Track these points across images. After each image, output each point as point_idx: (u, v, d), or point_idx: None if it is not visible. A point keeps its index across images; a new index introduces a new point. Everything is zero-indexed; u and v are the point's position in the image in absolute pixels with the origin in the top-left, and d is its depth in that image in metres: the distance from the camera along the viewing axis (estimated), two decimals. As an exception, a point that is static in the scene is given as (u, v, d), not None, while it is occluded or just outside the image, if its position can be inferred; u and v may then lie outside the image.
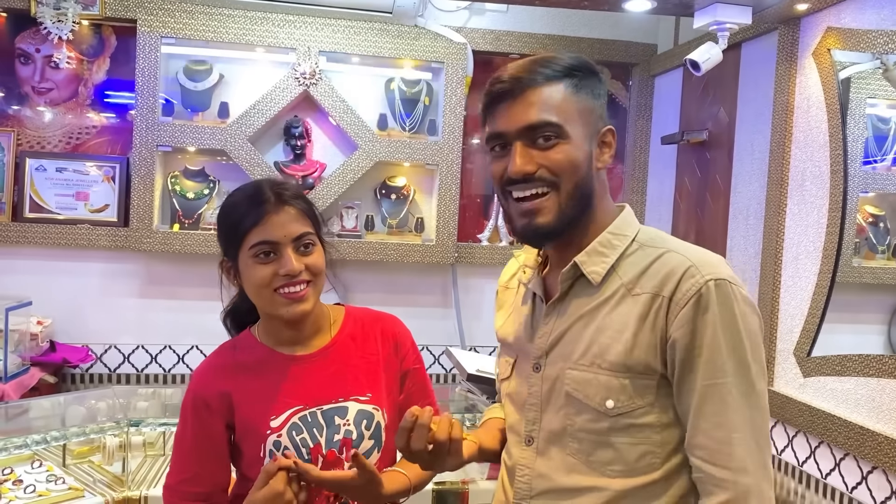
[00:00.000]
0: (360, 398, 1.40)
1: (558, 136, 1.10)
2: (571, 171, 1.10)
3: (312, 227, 1.37)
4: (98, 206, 2.84)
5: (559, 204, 1.11)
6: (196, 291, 2.94)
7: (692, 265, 1.07)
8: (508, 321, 1.31)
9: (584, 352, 1.13)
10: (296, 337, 1.42)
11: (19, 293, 2.67)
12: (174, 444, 1.43)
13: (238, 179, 2.89)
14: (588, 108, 1.13)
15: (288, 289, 1.32)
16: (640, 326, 1.08)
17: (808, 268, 2.11)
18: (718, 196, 2.58)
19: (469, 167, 3.14)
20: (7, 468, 2.08)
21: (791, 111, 2.20)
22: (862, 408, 1.87)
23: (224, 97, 2.89)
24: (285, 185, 1.39)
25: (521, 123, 1.10)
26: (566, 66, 1.12)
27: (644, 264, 1.12)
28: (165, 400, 2.48)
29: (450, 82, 2.92)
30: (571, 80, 1.12)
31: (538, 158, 1.10)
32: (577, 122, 1.11)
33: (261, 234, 1.32)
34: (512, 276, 1.36)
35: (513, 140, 1.11)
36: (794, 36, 2.18)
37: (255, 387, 1.38)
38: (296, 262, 1.32)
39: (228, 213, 1.39)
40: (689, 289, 1.06)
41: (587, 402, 1.11)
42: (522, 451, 1.19)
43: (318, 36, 2.82)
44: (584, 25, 3.08)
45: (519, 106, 1.10)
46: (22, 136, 2.82)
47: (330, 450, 1.36)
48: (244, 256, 1.34)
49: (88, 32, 2.85)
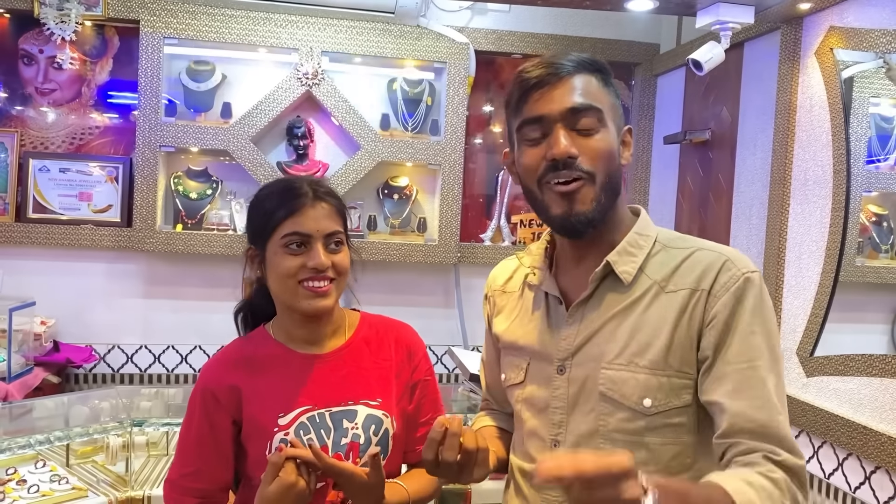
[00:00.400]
0: (370, 403, 1.40)
1: (600, 123, 1.10)
2: (608, 161, 1.11)
3: (343, 227, 1.39)
4: (101, 207, 2.85)
5: (596, 193, 1.11)
6: (199, 292, 2.94)
7: (728, 259, 1.11)
8: (516, 324, 1.28)
9: (620, 351, 1.12)
10: (312, 335, 1.42)
11: (23, 293, 2.68)
12: (179, 438, 1.43)
13: (241, 180, 2.90)
14: (614, 104, 1.15)
15: (312, 283, 1.33)
16: (678, 321, 1.10)
17: (811, 267, 2.10)
18: (721, 195, 2.58)
19: (472, 167, 3.14)
20: (11, 468, 2.08)
21: (794, 110, 2.19)
22: (865, 408, 1.87)
23: (227, 97, 2.89)
24: (322, 183, 1.41)
25: (566, 105, 1.09)
26: (598, 64, 1.14)
27: (675, 263, 1.14)
28: (168, 400, 2.49)
29: (452, 82, 2.92)
30: (601, 75, 1.14)
31: (579, 144, 1.09)
32: (609, 112, 1.13)
33: (294, 225, 1.33)
34: (508, 280, 1.34)
35: (554, 123, 1.09)
36: (797, 35, 2.17)
37: (265, 383, 1.38)
38: (324, 257, 1.33)
39: (263, 202, 1.38)
40: (728, 280, 1.09)
41: (623, 402, 1.10)
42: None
43: (320, 36, 2.83)
44: (587, 25, 3.08)
45: (561, 89, 1.09)
46: (25, 136, 2.83)
47: (336, 453, 1.35)
48: (274, 246, 1.34)
49: (91, 33, 2.85)
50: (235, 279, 2.94)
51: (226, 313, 2.92)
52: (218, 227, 2.86)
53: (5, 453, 1.97)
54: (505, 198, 3.10)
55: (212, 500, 1.40)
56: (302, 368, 1.40)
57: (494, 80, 3.14)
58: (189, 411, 1.41)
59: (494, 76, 3.14)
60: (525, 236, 3.11)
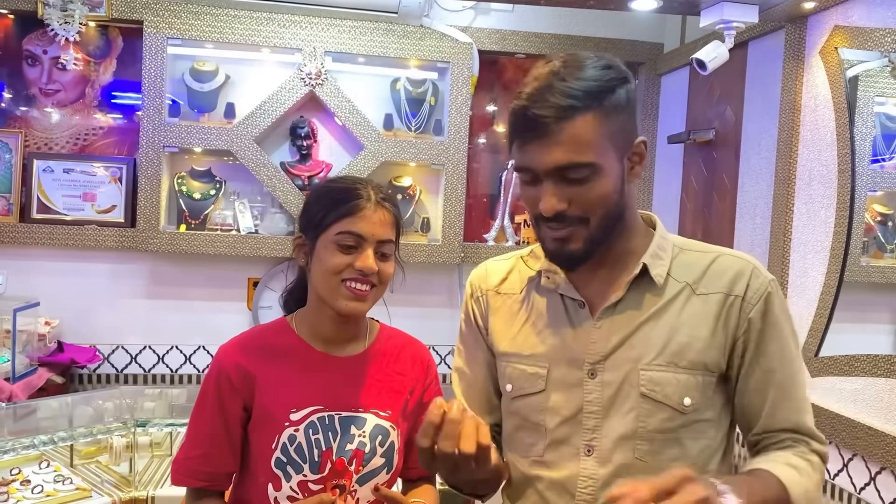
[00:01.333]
0: (379, 413, 1.39)
1: (590, 174, 1.07)
2: (602, 205, 1.10)
3: (395, 239, 1.40)
4: (105, 207, 2.85)
5: (589, 233, 1.11)
6: (203, 292, 2.95)
7: (755, 267, 1.17)
8: (527, 330, 1.23)
9: (659, 351, 1.13)
10: (336, 336, 1.41)
11: (27, 294, 2.69)
12: (191, 419, 1.41)
13: (244, 180, 2.90)
14: (619, 128, 1.09)
15: (355, 284, 1.33)
16: (715, 324, 1.14)
17: (816, 267, 2.09)
18: (725, 195, 2.57)
19: (475, 167, 3.14)
20: (15, 468, 2.09)
21: (798, 110, 2.18)
22: (870, 408, 1.86)
23: (230, 98, 2.89)
24: (385, 190, 1.41)
25: (550, 165, 1.06)
26: (596, 90, 1.06)
27: (701, 266, 1.17)
28: (172, 400, 2.49)
29: (455, 82, 2.92)
30: (602, 106, 1.06)
31: (569, 194, 1.08)
32: (609, 149, 1.08)
33: (352, 224, 1.33)
34: (503, 281, 1.30)
35: (543, 178, 1.08)
36: (801, 34, 2.17)
37: (280, 374, 1.37)
38: (372, 261, 1.33)
39: (325, 194, 1.39)
40: (759, 287, 1.15)
41: (665, 402, 1.12)
42: (583, 462, 1.15)
43: (323, 36, 2.83)
44: (590, 25, 3.08)
45: (547, 144, 1.05)
46: (29, 137, 2.83)
47: (340, 458, 1.34)
48: (325, 240, 1.34)
49: (95, 34, 2.86)
50: (239, 279, 2.96)
51: (230, 313, 2.97)
52: (221, 227, 2.87)
53: (9, 454, 1.97)
54: (508, 198, 3.09)
55: (216, 484, 1.40)
56: (319, 367, 1.39)
57: (498, 79, 3.14)
58: (202, 393, 1.39)
59: (498, 76, 3.14)
60: (529, 236, 3.10)
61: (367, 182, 1.40)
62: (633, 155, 1.13)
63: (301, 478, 1.33)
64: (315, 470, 1.33)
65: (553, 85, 1.06)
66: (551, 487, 1.18)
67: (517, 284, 1.28)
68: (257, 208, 2.94)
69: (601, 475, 1.14)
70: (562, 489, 1.17)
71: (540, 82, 1.07)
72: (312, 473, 1.33)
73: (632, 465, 1.12)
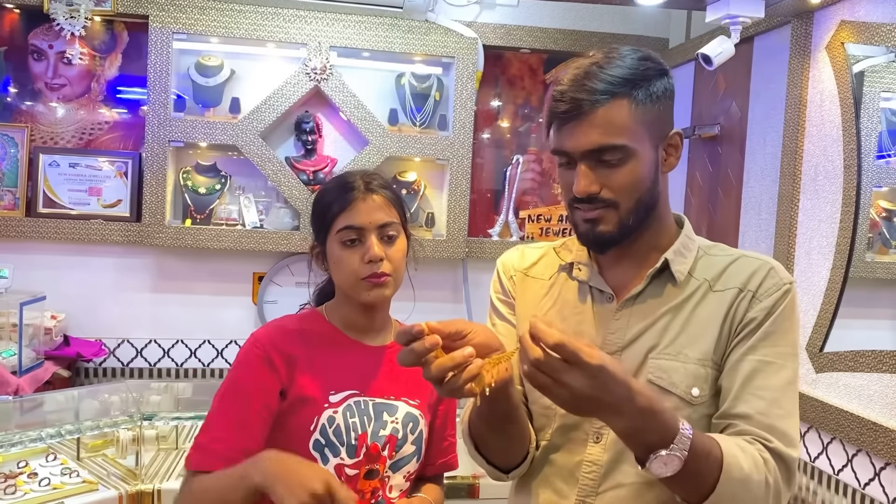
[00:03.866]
0: (409, 402, 1.42)
1: (623, 157, 1.11)
2: (633, 189, 1.13)
3: (398, 217, 1.42)
4: (111, 202, 2.86)
5: (619, 217, 1.14)
6: (208, 286, 2.95)
7: (773, 267, 1.17)
8: (550, 315, 1.25)
9: (670, 342, 1.15)
10: (367, 325, 1.45)
11: (33, 288, 2.70)
12: (219, 402, 1.36)
13: (249, 175, 2.91)
14: (654, 116, 1.13)
15: (374, 280, 1.37)
16: (725, 318, 1.15)
17: (821, 263, 2.09)
18: (730, 191, 2.57)
19: (479, 162, 3.14)
20: (22, 461, 2.10)
21: (804, 105, 2.18)
22: (875, 403, 1.87)
23: (235, 93, 2.90)
24: (374, 175, 1.44)
25: (585, 147, 1.10)
26: (632, 77, 1.10)
27: (722, 266, 1.19)
28: (178, 394, 2.50)
29: (460, 77, 2.92)
30: (637, 93, 1.11)
31: (602, 178, 1.12)
32: (644, 136, 1.12)
33: (347, 219, 1.37)
34: (533, 265, 1.32)
35: (577, 160, 1.12)
36: (808, 29, 2.16)
37: (319, 358, 1.39)
38: (377, 248, 1.36)
39: (320, 199, 1.44)
40: (774, 285, 1.15)
41: (671, 390, 1.12)
42: (590, 448, 1.17)
43: (328, 31, 2.83)
44: (595, 20, 3.07)
45: (582, 127, 1.10)
46: (35, 131, 2.84)
47: (374, 443, 1.36)
48: (332, 241, 1.40)
49: (101, 28, 2.86)
50: (244, 274, 2.97)
51: (235, 308, 2.98)
52: (227, 222, 2.87)
53: (17, 447, 1.98)
54: (513, 193, 3.09)
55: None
56: (354, 354, 1.42)
57: (503, 74, 3.14)
58: (236, 375, 1.37)
59: (503, 71, 3.14)
60: (533, 231, 3.10)
61: (356, 173, 1.44)
62: (668, 146, 1.17)
63: (338, 461, 1.34)
64: (352, 454, 1.35)
65: (592, 72, 1.11)
66: (559, 472, 1.20)
67: (546, 271, 1.31)
68: (262, 203, 2.94)
69: (604, 461, 1.16)
70: (567, 474, 1.19)
71: (581, 70, 1.12)
72: (349, 457, 1.35)
73: None
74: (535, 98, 3.17)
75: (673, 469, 0.97)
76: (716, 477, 1.00)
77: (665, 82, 1.14)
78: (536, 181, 3.20)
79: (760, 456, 1.05)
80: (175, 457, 2.35)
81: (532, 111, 3.18)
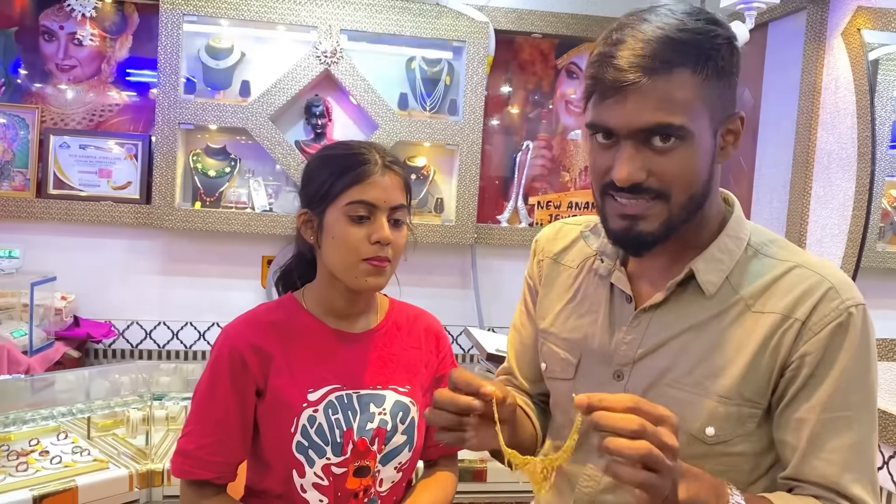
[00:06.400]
0: (399, 389, 1.34)
1: (679, 139, 0.92)
2: (688, 179, 0.94)
3: (407, 202, 1.32)
4: (121, 184, 2.87)
5: (668, 213, 0.95)
6: (217, 269, 2.96)
7: (832, 287, 0.96)
8: (569, 311, 1.14)
9: (689, 370, 0.99)
10: (348, 310, 1.35)
11: (44, 268, 2.71)
12: (196, 406, 1.31)
13: (259, 158, 2.91)
14: (717, 94, 0.94)
15: (376, 262, 1.26)
16: (762, 349, 0.96)
17: (833, 251, 2.08)
18: (742, 178, 2.56)
19: (489, 148, 3.12)
20: (34, 439, 2.11)
21: (818, 92, 2.16)
22: (885, 392, 1.86)
23: (245, 75, 2.89)
24: (390, 151, 1.32)
25: (636, 124, 0.91)
26: (697, 44, 0.91)
27: (768, 278, 0.99)
28: (187, 375, 2.51)
29: (471, 62, 2.91)
30: (704, 65, 0.91)
31: (650, 163, 0.92)
32: (704, 117, 0.93)
33: (362, 192, 1.25)
34: (565, 250, 1.19)
35: (622, 139, 0.93)
36: (823, 15, 2.14)
37: (294, 352, 1.30)
38: (388, 231, 1.26)
39: (328, 162, 1.29)
40: (829, 314, 0.95)
41: (683, 426, 0.91)
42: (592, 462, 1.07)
43: (339, 14, 2.81)
44: (608, 4, 3.04)
45: (634, 100, 0.90)
46: (46, 113, 2.84)
47: (361, 438, 1.29)
48: (335, 212, 1.27)
49: (111, 10, 2.85)
50: (253, 257, 2.98)
51: (244, 291, 2.99)
52: (236, 205, 2.88)
53: (28, 424, 2.00)
54: (522, 179, 3.08)
55: (225, 475, 1.31)
56: (334, 345, 1.33)
57: (514, 59, 3.12)
58: (211, 376, 1.29)
59: (514, 56, 3.12)
60: (542, 218, 3.09)
61: (371, 144, 1.32)
62: (728, 132, 0.98)
63: (324, 461, 1.27)
64: (338, 452, 1.28)
65: (649, 32, 0.91)
66: (563, 475, 1.12)
67: (576, 258, 1.17)
68: (272, 187, 2.94)
69: (603, 480, 1.07)
70: (570, 480, 1.11)
71: (632, 29, 0.92)
72: (335, 456, 1.28)
73: None
74: (547, 83, 3.16)
75: None
76: None
77: (733, 52, 0.94)
78: (546, 168, 3.19)
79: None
80: (184, 437, 2.36)
81: (543, 97, 3.17)
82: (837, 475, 0.94)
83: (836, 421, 0.94)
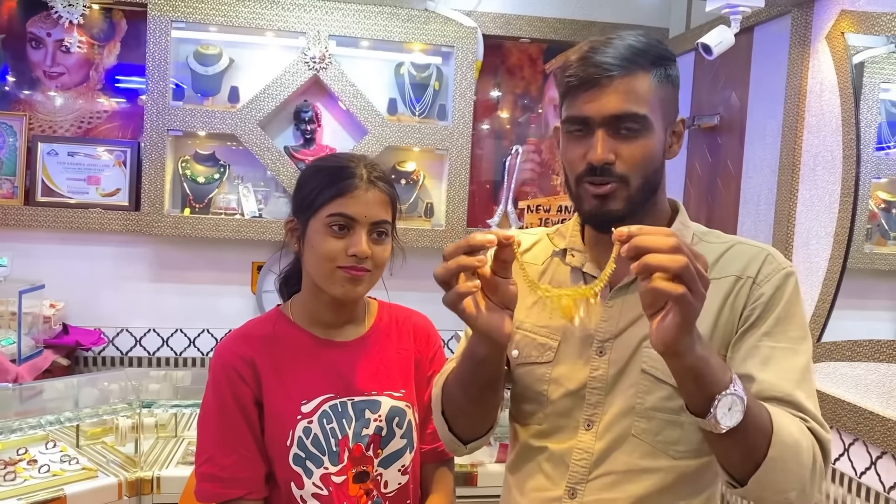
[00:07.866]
0: (393, 394, 1.35)
1: (641, 128, 1.10)
2: (646, 164, 1.12)
3: (391, 218, 1.33)
4: (109, 191, 2.86)
5: (629, 194, 1.12)
6: (207, 275, 2.96)
7: (770, 254, 1.16)
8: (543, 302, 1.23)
9: None
10: (334, 320, 1.36)
11: (32, 276, 2.70)
12: (206, 428, 1.31)
13: (248, 164, 2.91)
14: (668, 98, 1.14)
15: (350, 272, 1.28)
16: (722, 306, 1.13)
17: (819, 253, 2.10)
18: (729, 181, 2.57)
19: (479, 152, 3.13)
20: (22, 448, 2.11)
21: (804, 95, 2.18)
22: (872, 393, 1.87)
23: (234, 81, 2.89)
24: (379, 167, 1.34)
25: (608, 112, 1.09)
26: (653, 52, 1.12)
27: (717, 253, 1.17)
28: (177, 382, 2.51)
29: (460, 67, 2.91)
30: (657, 71, 1.12)
31: (617, 148, 1.10)
32: (659, 114, 1.12)
33: (343, 206, 1.27)
34: (528, 249, 1.30)
35: (596, 127, 1.10)
36: (808, 19, 2.16)
37: (285, 365, 1.31)
38: (366, 245, 1.27)
39: (314, 175, 1.32)
40: (772, 272, 1.14)
41: (665, 379, 1.09)
42: (581, 435, 1.16)
43: (327, 20, 2.82)
44: (595, 9, 3.06)
45: (607, 94, 1.09)
46: (34, 120, 2.83)
47: (357, 444, 1.30)
48: (317, 223, 1.29)
49: (99, 16, 2.85)
50: (243, 263, 2.97)
51: (234, 297, 2.99)
52: (225, 211, 2.87)
53: (16, 433, 1.99)
54: (512, 183, 3.09)
55: (256, 491, 1.29)
56: (324, 354, 1.34)
57: (502, 64, 3.13)
58: (215, 396, 1.30)
59: (502, 61, 3.13)
60: (532, 221, 3.10)
61: (360, 158, 1.33)
62: (674, 133, 1.18)
63: (322, 471, 1.28)
64: (335, 461, 1.29)
65: (615, 42, 1.11)
66: (550, 458, 1.19)
67: (540, 256, 1.28)
68: (261, 192, 2.94)
69: (597, 449, 1.15)
70: (559, 460, 1.18)
71: (601, 41, 1.12)
72: (333, 465, 1.29)
73: (628, 441, 1.12)
74: (535, 88, 3.17)
75: (737, 415, 0.93)
76: (767, 440, 0.97)
77: (676, 69, 1.16)
78: (536, 171, 3.20)
79: (804, 424, 1.04)
80: (174, 444, 2.35)
81: (531, 101, 3.18)
82: (792, 390, 1.07)
83: (784, 350, 1.10)
